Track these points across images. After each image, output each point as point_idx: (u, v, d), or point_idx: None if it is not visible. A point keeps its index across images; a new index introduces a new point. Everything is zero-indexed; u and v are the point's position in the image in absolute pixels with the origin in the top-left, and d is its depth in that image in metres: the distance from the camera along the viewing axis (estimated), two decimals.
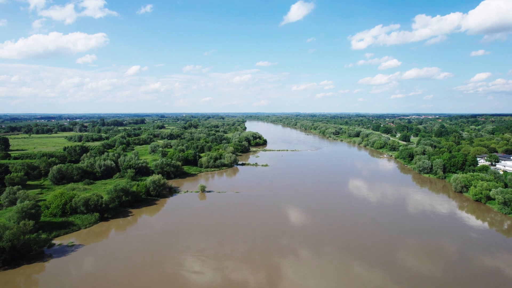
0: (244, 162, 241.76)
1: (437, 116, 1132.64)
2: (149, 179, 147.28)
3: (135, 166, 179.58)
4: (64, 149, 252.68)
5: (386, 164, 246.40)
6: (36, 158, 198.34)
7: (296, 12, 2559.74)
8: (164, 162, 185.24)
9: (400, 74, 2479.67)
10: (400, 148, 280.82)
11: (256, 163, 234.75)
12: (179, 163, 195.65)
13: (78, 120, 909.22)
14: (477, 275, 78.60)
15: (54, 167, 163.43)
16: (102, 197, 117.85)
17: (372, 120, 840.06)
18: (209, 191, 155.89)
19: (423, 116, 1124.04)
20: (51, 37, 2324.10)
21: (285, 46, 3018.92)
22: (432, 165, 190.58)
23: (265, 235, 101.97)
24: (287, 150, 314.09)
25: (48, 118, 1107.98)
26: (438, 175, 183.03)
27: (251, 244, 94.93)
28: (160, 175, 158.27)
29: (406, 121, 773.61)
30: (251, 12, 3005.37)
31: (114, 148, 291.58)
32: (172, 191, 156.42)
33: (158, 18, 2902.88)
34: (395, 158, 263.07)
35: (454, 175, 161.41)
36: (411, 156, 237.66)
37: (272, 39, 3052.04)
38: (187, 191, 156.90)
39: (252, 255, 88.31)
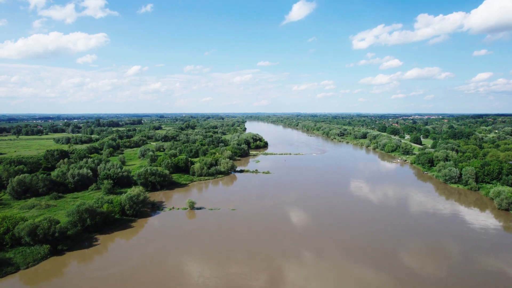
0: (243, 168, 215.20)
1: (440, 116, 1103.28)
2: (125, 194, 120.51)
3: (114, 176, 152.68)
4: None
5: (402, 170, 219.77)
6: (1, 165, 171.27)
7: (298, 12, 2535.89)
8: (148, 170, 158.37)
9: (401, 74, 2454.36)
10: (416, 152, 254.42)
11: (256, 170, 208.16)
12: (167, 171, 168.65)
13: (75, 120, 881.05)
14: None
15: (15, 178, 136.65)
16: (57, 222, 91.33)
17: (375, 121, 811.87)
18: (200, 208, 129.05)
19: (426, 116, 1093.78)
20: (51, 37, 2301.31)
21: (286, 46, 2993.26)
22: (461, 174, 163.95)
23: (268, 270, 75.68)
24: (290, 154, 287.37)
25: (47, 118, 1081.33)
26: (470, 185, 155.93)
27: (250, 281, 68.75)
28: (141, 188, 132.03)
29: (411, 121, 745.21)
30: (252, 11, 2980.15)
31: (101, 152, 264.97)
32: (155, 208, 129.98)
33: (159, 18, 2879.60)
34: (411, 163, 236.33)
35: (494, 188, 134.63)
36: (430, 162, 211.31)
37: (273, 39, 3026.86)
38: (173, 207, 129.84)
39: None
